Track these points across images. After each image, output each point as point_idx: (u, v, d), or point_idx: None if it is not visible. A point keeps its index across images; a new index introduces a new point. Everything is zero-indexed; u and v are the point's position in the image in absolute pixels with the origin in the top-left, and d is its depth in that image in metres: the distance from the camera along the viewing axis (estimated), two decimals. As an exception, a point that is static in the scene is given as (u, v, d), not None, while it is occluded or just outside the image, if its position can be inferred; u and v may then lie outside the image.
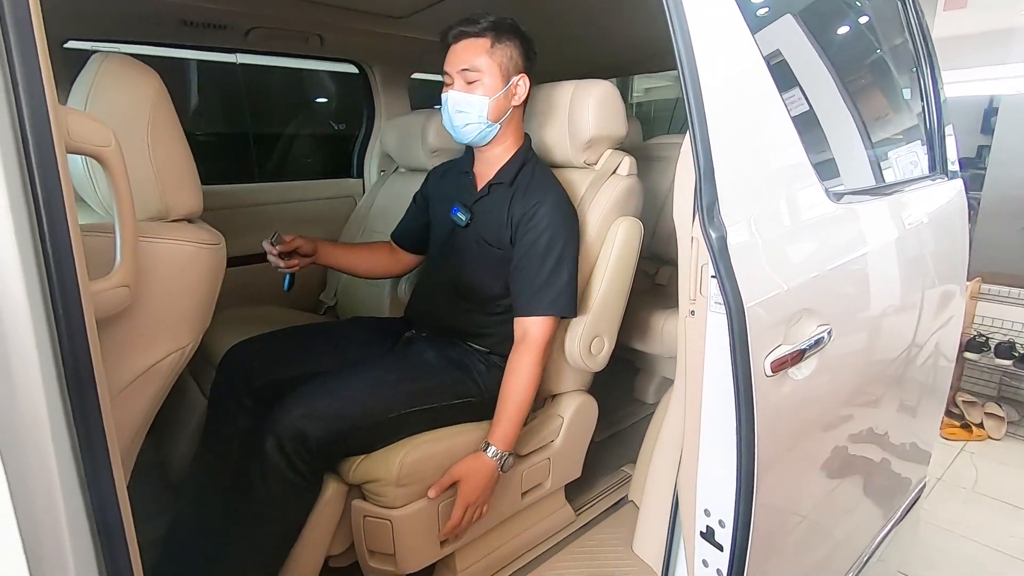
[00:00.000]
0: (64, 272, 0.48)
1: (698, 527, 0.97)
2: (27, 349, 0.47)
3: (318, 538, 1.10)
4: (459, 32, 1.18)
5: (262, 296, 1.91)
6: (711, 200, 0.82)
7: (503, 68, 1.18)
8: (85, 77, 0.77)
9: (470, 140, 1.23)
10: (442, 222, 1.35)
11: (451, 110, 1.20)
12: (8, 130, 0.45)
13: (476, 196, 1.28)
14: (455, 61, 1.18)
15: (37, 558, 0.48)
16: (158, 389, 0.80)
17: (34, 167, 0.46)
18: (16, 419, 0.46)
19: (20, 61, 0.45)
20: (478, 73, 1.17)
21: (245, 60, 2.30)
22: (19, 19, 0.45)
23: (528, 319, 1.17)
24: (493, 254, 1.24)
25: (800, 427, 0.98)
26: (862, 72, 1.45)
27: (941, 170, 1.47)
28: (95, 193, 0.79)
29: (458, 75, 1.18)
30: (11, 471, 0.45)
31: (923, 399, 1.46)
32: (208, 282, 0.82)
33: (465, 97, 1.18)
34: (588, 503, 1.54)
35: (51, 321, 0.48)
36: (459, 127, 1.21)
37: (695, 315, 0.91)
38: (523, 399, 1.14)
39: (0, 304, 0.45)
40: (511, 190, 1.23)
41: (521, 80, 1.21)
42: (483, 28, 1.16)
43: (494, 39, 1.17)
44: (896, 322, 1.20)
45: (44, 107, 0.47)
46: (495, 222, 1.24)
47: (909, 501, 1.52)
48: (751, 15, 0.92)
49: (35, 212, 0.47)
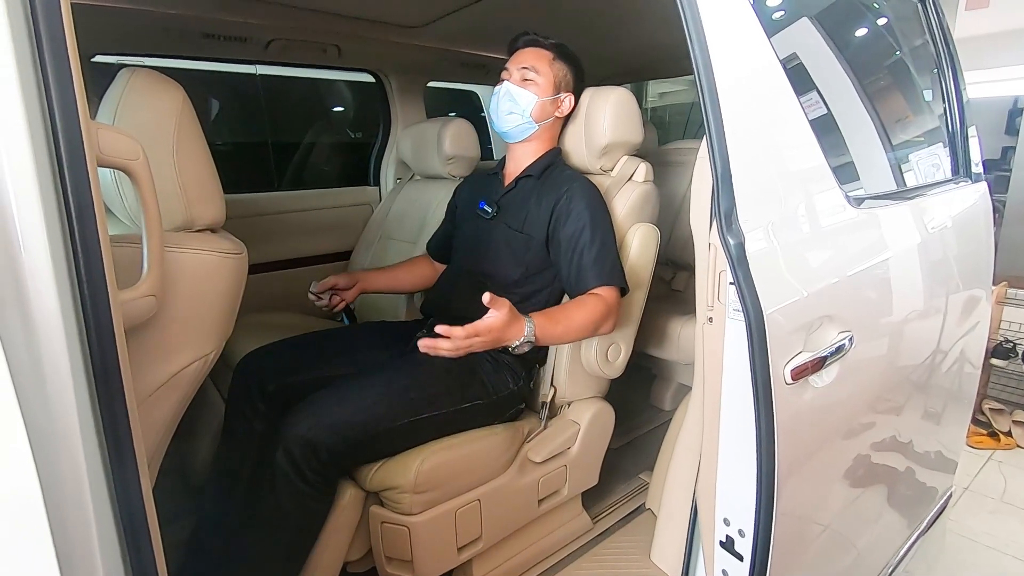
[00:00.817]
0: (95, 282, 0.49)
1: (717, 536, 0.96)
2: (59, 357, 0.48)
3: (336, 544, 1.11)
4: (530, 39, 1.31)
5: (281, 302, 1.94)
6: (729, 206, 0.81)
7: (556, 80, 1.30)
8: (114, 91, 0.79)
9: (508, 130, 1.31)
10: (468, 220, 1.41)
11: (500, 98, 1.30)
12: (43, 144, 0.47)
13: (503, 191, 1.35)
14: (518, 60, 1.30)
15: (68, 560, 0.49)
16: (182, 396, 0.81)
17: (67, 180, 0.48)
18: (49, 425, 0.48)
19: (54, 77, 0.47)
20: (535, 74, 1.28)
21: (264, 71, 2.34)
22: (53, 36, 0.46)
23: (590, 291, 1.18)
24: (515, 238, 1.28)
25: (821, 435, 0.97)
26: (881, 74, 1.44)
27: (965, 173, 1.44)
28: (123, 204, 0.80)
29: (517, 71, 1.29)
30: (44, 475, 0.46)
31: (948, 406, 1.43)
32: (231, 291, 0.84)
33: (517, 90, 1.28)
34: (605, 511, 1.53)
35: (82, 329, 0.49)
36: (503, 114, 1.30)
37: (713, 322, 0.91)
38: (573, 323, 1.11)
39: (34, 313, 0.47)
40: (538, 183, 1.30)
41: (568, 98, 1.32)
42: (550, 43, 1.31)
43: (556, 54, 1.30)
44: (919, 328, 1.18)
45: (77, 122, 0.48)
46: (521, 210, 1.30)
47: (935, 511, 1.48)
48: (767, 18, 0.92)
49: (68, 224, 0.48)
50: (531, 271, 1.28)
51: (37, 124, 0.46)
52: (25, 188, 0.45)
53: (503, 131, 1.32)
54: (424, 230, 1.80)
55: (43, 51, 0.46)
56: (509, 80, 1.30)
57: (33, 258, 0.46)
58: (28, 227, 0.46)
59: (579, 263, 1.19)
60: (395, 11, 1.70)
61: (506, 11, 1.63)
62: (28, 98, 0.46)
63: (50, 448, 0.48)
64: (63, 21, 0.47)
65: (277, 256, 2.00)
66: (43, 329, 0.47)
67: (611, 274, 1.18)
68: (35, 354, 0.47)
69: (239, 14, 1.56)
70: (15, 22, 0.45)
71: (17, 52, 0.45)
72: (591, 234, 1.19)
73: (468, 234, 1.41)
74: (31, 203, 0.46)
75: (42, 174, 0.47)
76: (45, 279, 0.47)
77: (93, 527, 0.51)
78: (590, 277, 1.18)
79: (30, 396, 0.46)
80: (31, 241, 0.46)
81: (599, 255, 1.18)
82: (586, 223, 1.20)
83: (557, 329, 1.11)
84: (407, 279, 1.55)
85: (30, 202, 0.46)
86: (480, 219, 1.35)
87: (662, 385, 2.06)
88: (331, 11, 1.64)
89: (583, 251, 1.19)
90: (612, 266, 1.19)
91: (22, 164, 0.45)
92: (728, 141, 0.81)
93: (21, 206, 0.45)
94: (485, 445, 1.18)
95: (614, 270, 1.19)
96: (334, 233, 2.14)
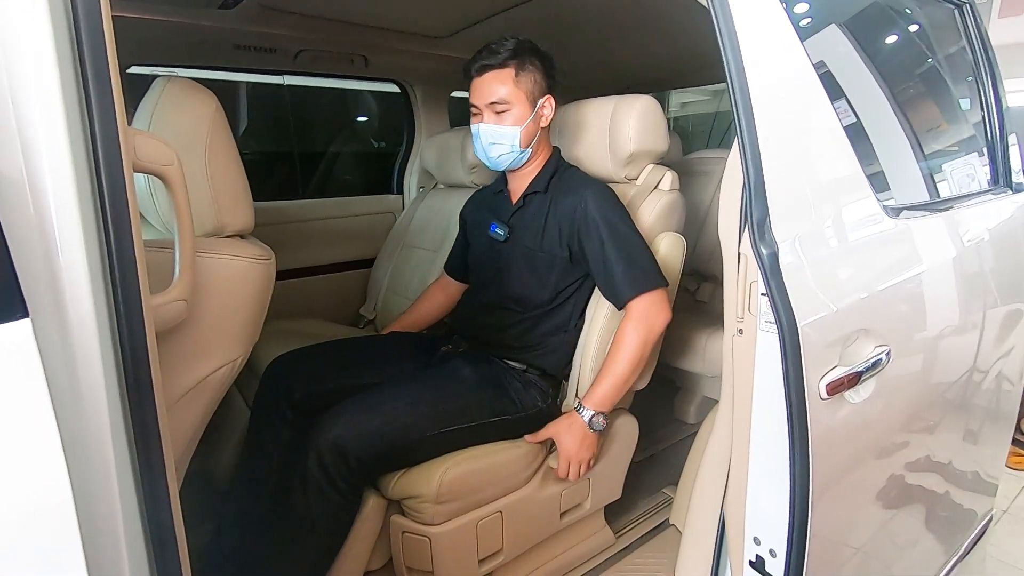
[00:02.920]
0: (128, 286, 0.50)
1: (747, 556, 0.93)
2: (92, 359, 0.48)
3: (357, 553, 1.10)
4: (482, 66, 1.18)
5: (304, 309, 1.95)
6: (762, 215, 0.79)
7: (529, 94, 1.20)
8: (149, 99, 0.81)
9: (505, 167, 1.27)
10: (481, 241, 1.38)
11: (484, 142, 1.22)
12: (82, 151, 0.48)
13: (512, 210, 1.31)
14: (482, 94, 1.20)
15: (96, 561, 0.49)
16: (209, 401, 0.82)
17: (104, 185, 0.48)
18: (81, 427, 0.48)
19: (95, 87, 0.48)
20: (506, 104, 1.18)
21: (292, 82, 2.38)
22: (95, 48, 0.47)
23: (629, 303, 1.17)
24: (538, 259, 1.25)
25: (857, 453, 0.93)
26: (912, 82, 1.40)
27: (1005, 183, 1.39)
28: (155, 210, 0.82)
29: (486, 108, 1.20)
30: (75, 475, 0.47)
31: (987, 426, 1.37)
32: (259, 296, 0.84)
33: (496, 129, 1.20)
34: (628, 525, 1.49)
35: (115, 333, 0.50)
36: (493, 158, 1.24)
37: (743, 334, 0.88)
38: (621, 370, 1.15)
39: (69, 315, 0.47)
40: (547, 197, 1.26)
41: (547, 102, 1.23)
42: (505, 58, 1.17)
43: (517, 67, 1.18)
44: (958, 344, 1.14)
45: (115, 129, 0.49)
46: (534, 228, 1.26)
47: (974, 535, 1.42)
48: (797, 25, 0.90)
49: (104, 228, 0.49)
50: (559, 288, 1.26)
51: (77, 131, 0.47)
52: (64, 192, 0.46)
53: (497, 167, 1.27)
54: (446, 239, 1.81)
55: (85, 63, 0.47)
56: (484, 121, 1.21)
57: (70, 261, 0.47)
58: (66, 231, 0.47)
59: (611, 279, 1.17)
60: (421, 22, 1.72)
61: (530, 23, 1.63)
62: (69, 106, 0.47)
63: (81, 450, 0.48)
64: (104, 34, 0.48)
65: (301, 263, 2.02)
66: (77, 332, 0.48)
67: (645, 280, 1.16)
68: (70, 356, 0.47)
69: (269, 25, 1.59)
70: (59, 35, 0.46)
71: (60, 64, 0.46)
72: (614, 246, 1.17)
73: (485, 258, 1.37)
74: (69, 207, 0.47)
75: (80, 178, 0.47)
76: (81, 282, 0.47)
77: (121, 530, 0.51)
78: (624, 291, 1.16)
79: (64, 398, 0.47)
80: (68, 244, 0.47)
81: (628, 264, 1.16)
82: (607, 234, 1.17)
83: (607, 378, 1.16)
84: (430, 312, 1.58)
85: (68, 206, 0.47)
86: (494, 242, 1.31)
87: (686, 398, 2.02)
88: (358, 22, 1.66)
89: (612, 265, 1.17)
90: (643, 270, 1.16)
91: (62, 169, 0.46)
92: (761, 148, 0.79)
93: (60, 210, 0.46)
94: (508, 456, 1.17)
95: (647, 274, 1.17)
96: (357, 241, 2.16)
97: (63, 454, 0.46)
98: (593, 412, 1.16)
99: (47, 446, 0.45)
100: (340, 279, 2.11)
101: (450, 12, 1.63)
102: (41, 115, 0.46)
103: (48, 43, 0.46)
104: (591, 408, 1.16)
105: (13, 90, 0.45)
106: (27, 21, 0.45)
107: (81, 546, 0.48)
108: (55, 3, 0.46)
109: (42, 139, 0.46)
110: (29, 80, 0.45)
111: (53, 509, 0.46)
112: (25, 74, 0.45)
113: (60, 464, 0.46)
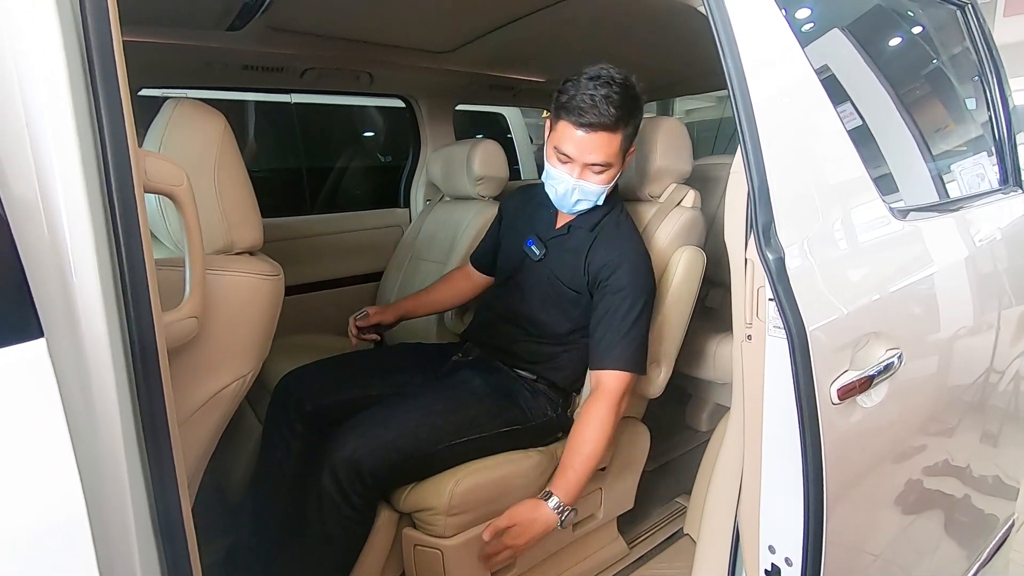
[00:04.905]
0: (140, 304, 0.51)
1: (762, 564, 0.91)
2: (106, 376, 0.49)
3: (369, 566, 1.10)
4: (592, 124, 1.06)
5: (315, 323, 1.97)
6: (767, 220, 0.79)
7: (624, 151, 1.14)
8: (159, 120, 0.83)
9: (577, 211, 1.21)
10: (514, 250, 1.34)
11: (569, 195, 1.15)
12: (94, 172, 0.49)
13: (554, 233, 1.27)
14: (584, 151, 1.09)
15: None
16: (221, 416, 0.83)
17: (116, 206, 0.49)
18: (94, 442, 0.49)
19: (106, 110, 0.49)
20: (607, 166, 1.12)
21: (299, 99, 2.42)
22: (106, 71, 0.49)
23: (604, 372, 1.15)
24: (566, 294, 1.23)
25: (871, 458, 0.92)
26: (917, 83, 1.40)
27: (1014, 182, 1.38)
28: (166, 229, 0.83)
29: (584, 165, 1.11)
30: (89, 493, 0.47)
31: (1007, 428, 1.35)
32: (269, 312, 0.85)
33: (588, 187, 1.14)
34: (641, 536, 1.48)
35: (127, 351, 0.51)
36: (570, 204, 1.18)
37: (752, 340, 0.88)
38: (591, 450, 1.09)
39: (83, 333, 0.48)
40: (591, 235, 1.21)
41: (632, 152, 1.18)
42: (619, 119, 1.07)
43: (624, 127, 1.10)
44: (973, 345, 1.12)
45: (126, 151, 0.50)
46: (571, 264, 1.22)
47: (997, 540, 1.39)
48: (799, 29, 0.90)
49: (116, 247, 0.50)
50: (578, 326, 1.24)
51: (89, 153, 0.49)
52: (77, 213, 0.47)
53: (568, 212, 1.21)
54: (454, 250, 1.82)
55: (96, 87, 0.49)
56: (572, 176, 1.12)
57: (83, 281, 0.48)
58: (79, 251, 0.48)
59: (607, 337, 1.15)
60: (425, 37, 1.74)
61: (533, 35, 1.65)
62: (82, 129, 0.48)
63: (95, 466, 0.49)
64: (115, 59, 0.49)
65: (310, 278, 2.04)
66: (91, 350, 0.48)
67: (632, 361, 1.14)
68: (84, 374, 0.48)
69: (276, 46, 1.62)
70: (71, 60, 0.48)
71: (73, 88, 0.48)
72: (625, 318, 1.14)
73: (513, 268, 1.33)
74: (83, 228, 0.48)
75: (93, 199, 0.48)
76: (94, 301, 0.48)
77: (135, 546, 0.52)
78: (611, 357, 1.14)
79: (78, 415, 0.47)
80: (81, 264, 0.48)
81: (625, 339, 1.13)
82: (625, 304, 1.14)
83: (579, 469, 1.08)
84: (448, 296, 1.55)
85: (82, 227, 0.48)
86: (527, 257, 1.28)
87: (698, 405, 2.00)
88: (363, 40, 1.69)
89: (613, 331, 1.14)
90: (636, 350, 1.14)
91: (75, 190, 0.47)
92: (764, 153, 0.79)
93: (73, 231, 0.47)
94: (520, 468, 1.16)
95: (635, 357, 1.14)
96: (366, 254, 2.18)
97: (77, 470, 0.46)
98: (567, 507, 1.07)
99: (62, 462, 0.46)
100: (349, 293, 2.12)
101: (453, 27, 1.65)
102: (54, 138, 0.47)
103: (61, 68, 0.47)
104: (564, 501, 1.06)
105: (28, 113, 0.46)
106: (40, 47, 0.47)
107: (96, 562, 0.48)
108: (68, 29, 0.48)
109: (56, 161, 0.47)
110: (43, 104, 0.46)
111: (67, 525, 0.47)
112: (39, 98, 0.46)
113: (74, 480, 0.46)
